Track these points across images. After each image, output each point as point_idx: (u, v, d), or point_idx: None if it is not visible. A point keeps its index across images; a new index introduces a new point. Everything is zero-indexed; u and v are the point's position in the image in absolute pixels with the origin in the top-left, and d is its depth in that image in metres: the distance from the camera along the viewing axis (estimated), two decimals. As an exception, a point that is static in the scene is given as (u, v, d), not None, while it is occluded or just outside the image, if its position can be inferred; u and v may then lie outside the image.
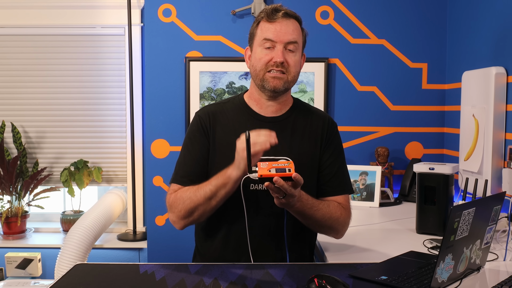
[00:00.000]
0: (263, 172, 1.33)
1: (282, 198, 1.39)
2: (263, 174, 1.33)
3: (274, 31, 1.56)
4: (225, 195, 1.48)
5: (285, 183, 1.33)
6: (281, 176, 1.32)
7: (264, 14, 1.58)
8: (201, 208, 1.51)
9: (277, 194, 1.39)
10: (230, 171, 1.45)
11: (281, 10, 1.57)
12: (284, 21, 1.57)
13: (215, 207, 1.51)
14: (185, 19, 2.82)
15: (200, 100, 2.81)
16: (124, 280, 1.33)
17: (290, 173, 1.33)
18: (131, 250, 3.03)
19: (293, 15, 1.60)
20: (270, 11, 1.57)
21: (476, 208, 1.26)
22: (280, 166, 1.34)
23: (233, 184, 1.47)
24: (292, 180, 1.34)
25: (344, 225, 1.61)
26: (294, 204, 1.43)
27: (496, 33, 2.26)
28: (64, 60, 3.09)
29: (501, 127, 2.17)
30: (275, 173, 1.33)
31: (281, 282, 1.31)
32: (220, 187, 1.47)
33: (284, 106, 1.67)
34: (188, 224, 1.57)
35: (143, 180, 3.09)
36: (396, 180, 2.84)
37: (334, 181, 1.65)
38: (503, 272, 1.45)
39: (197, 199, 1.50)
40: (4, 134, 3.05)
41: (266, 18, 1.58)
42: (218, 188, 1.47)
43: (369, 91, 2.85)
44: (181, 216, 1.55)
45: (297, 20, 1.61)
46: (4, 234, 3.01)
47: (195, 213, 1.52)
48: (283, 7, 1.59)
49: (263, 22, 1.59)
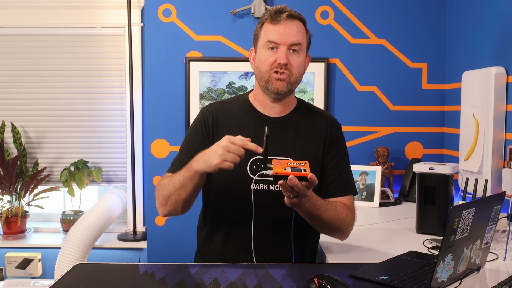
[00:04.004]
0: (278, 169, 1.31)
1: (294, 197, 1.37)
2: (278, 172, 1.31)
3: (277, 33, 1.55)
4: (192, 188, 1.47)
5: (299, 183, 1.32)
6: (296, 175, 1.31)
7: (268, 16, 1.58)
8: (173, 198, 1.50)
9: (290, 193, 1.37)
10: (194, 164, 1.43)
11: (285, 11, 1.57)
12: (288, 22, 1.56)
13: (186, 199, 1.49)
14: (185, 19, 2.82)
15: (200, 100, 2.81)
16: (124, 280, 1.33)
17: (306, 173, 1.32)
18: (131, 250, 3.03)
19: (298, 16, 1.59)
20: (274, 13, 1.57)
21: (476, 208, 1.26)
22: (296, 165, 1.33)
23: (199, 178, 1.45)
24: (307, 180, 1.32)
25: (350, 226, 1.61)
26: (304, 204, 1.42)
27: (496, 33, 2.26)
28: (64, 60, 3.09)
29: (501, 127, 2.17)
30: (290, 172, 1.31)
31: (281, 282, 1.31)
32: (187, 179, 1.46)
33: (288, 107, 1.67)
34: (167, 213, 1.55)
35: (143, 180, 3.09)
36: (396, 180, 2.84)
37: (338, 182, 1.64)
38: (503, 272, 1.45)
39: (170, 187, 1.50)
40: (4, 134, 3.05)
41: (270, 20, 1.58)
42: (186, 180, 1.46)
43: (369, 91, 2.85)
44: (159, 203, 1.55)
45: (301, 21, 1.60)
46: (4, 234, 3.01)
47: (170, 202, 1.51)
48: (287, 8, 1.59)
49: (267, 23, 1.59)
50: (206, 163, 1.39)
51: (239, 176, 1.57)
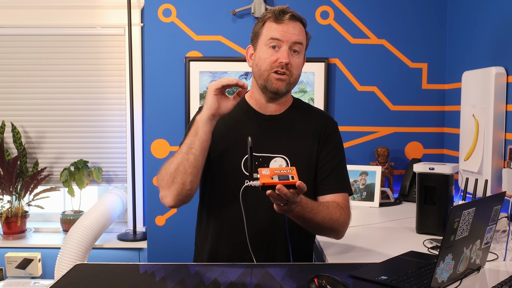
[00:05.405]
0: (265, 180, 1.28)
1: (284, 205, 1.35)
2: (265, 182, 1.28)
3: (281, 31, 1.57)
4: (199, 144, 1.47)
5: (288, 192, 1.29)
6: (285, 184, 1.28)
7: (272, 15, 1.59)
8: (181, 168, 1.47)
9: (279, 202, 1.34)
10: (198, 115, 1.47)
11: (288, 12, 1.59)
12: (291, 23, 1.58)
13: (194, 163, 1.47)
14: (185, 19, 2.82)
15: (200, 100, 2.81)
16: (124, 280, 1.33)
17: (294, 181, 1.29)
18: (131, 250, 3.03)
19: (299, 18, 1.61)
20: (278, 12, 1.58)
21: (476, 208, 1.26)
22: (283, 173, 1.30)
23: (204, 128, 1.47)
24: (295, 187, 1.29)
25: (344, 225, 1.60)
26: (294, 209, 1.40)
27: (496, 33, 2.26)
28: (64, 60, 3.09)
29: (501, 127, 2.17)
30: (278, 181, 1.28)
31: (281, 282, 1.31)
32: (192, 135, 1.47)
33: (284, 106, 1.68)
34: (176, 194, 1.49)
35: (143, 180, 3.09)
36: (396, 180, 2.84)
37: (332, 179, 1.63)
38: (503, 272, 1.45)
39: (176, 159, 1.49)
40: (4, 134, 3.05)
41: (273, 19, 1.58)
42: (191, 138, 1.48)
43: (369, 91, 2.85)
44: (166, 185, 1.50)
45: (302, 23, 1.62)
46: (4, 234, 3.01)
47: (178, 175, 1.48)
48: (289, 9, 1.61)
49: (270, 22, 1.59)
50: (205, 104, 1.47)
51: (233, 174, 1.59)
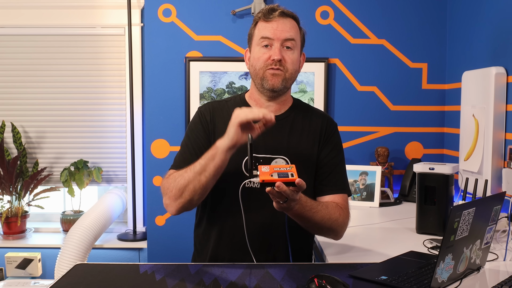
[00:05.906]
0: (265, 177, 1.29)
1: (283, 203, 1.36)
2: (265, 179, 1.29)
3: (271, 29, 1.57)
4: (214, 169, 1.45)
5: (287, 189, 1.30)
6: (284, 181, 1.29)
7: (261, 14, 1.60)
8: (191, 186, 1.47)
9: (278, 199, 1.35)
10: (218, 142, 1.44)
11: (277, 9, 1.59)
12: (281, 19, 1.58)
13: (205, 185, 1.47)
14: (185, 19, 2.82)
15: (200, 100, 2.81)
16: (124, 280, 1.33)
17: (293, 178, 1.29)
18: (131, 250, 3.03)
19: (290, 14, 1.61)
20: (266, 11, 1.59)
21: (476, 208, 1.26)
22: (282, 171, 1.31)
23: (221, 156, 1.44)
24: (294, 185, 1.30)
25: (343, 226, 1.60)
26: (293, 207, 1.40)
27: (496, 33, 2.26)
28: (64, 60, 3.09)
29: (501, 127, 2.17)
30: (277, 178, 1.29)
31: (281, 282, 1.31)
32: (209, 159, 1.45)
33: (284, 106, 1.68)
34: (181, 207, 1.51)
35: (143, 180, 3.09)
36: (396, 180, 2.84)
37: (331, 180, 1.63)
38: (503, 272, 1.45)
39: (188, 175, 1.48)
40: (4, 134, 3.05)
41: (263, 18, 1.60)
42: (207, 161, 1.45)
43: (369, 91, 2.85)
44: (173, 197, 1.51)
45: (294, 19, 1.62)
46: (4, 234, 3.01)
47: (186, 192, 1.48)
48: (280, 6, 1.61)
49: (261, 22, 1.61)
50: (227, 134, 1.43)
51: (233, 175, 1.58)
